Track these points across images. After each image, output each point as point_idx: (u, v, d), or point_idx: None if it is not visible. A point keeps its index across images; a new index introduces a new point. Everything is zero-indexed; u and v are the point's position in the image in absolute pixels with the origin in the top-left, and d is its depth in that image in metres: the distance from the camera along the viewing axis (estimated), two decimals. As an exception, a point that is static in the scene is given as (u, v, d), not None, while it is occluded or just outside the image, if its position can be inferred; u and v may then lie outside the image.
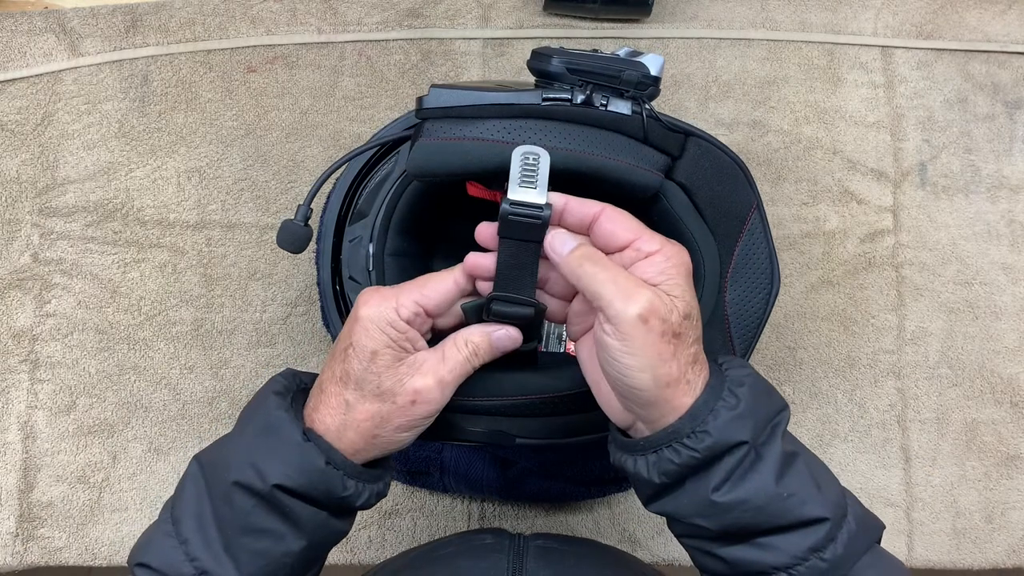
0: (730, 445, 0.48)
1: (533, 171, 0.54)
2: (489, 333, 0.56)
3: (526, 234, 0.54)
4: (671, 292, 0.49)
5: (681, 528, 0.53)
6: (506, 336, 0.56)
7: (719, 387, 0.50)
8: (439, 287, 0.55)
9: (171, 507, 0.53)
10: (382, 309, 0.53)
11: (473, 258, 0.55)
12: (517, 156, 0.55)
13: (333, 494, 0.51)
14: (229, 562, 0.50)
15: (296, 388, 0.56)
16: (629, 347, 0.49)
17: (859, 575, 0.49)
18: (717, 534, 0.50)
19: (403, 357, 0.53)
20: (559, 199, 0.54)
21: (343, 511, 0.54)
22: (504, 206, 0.53)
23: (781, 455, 0.49)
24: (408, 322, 0.53)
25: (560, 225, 0.54)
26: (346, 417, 0.53)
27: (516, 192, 0.54)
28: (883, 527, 0.53)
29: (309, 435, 0.52)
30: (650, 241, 0.51)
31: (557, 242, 0.53)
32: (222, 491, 0.51)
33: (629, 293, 0.49)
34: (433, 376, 0.53)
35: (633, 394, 0.50)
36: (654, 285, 0.50)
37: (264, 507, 0.50)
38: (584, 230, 0.54)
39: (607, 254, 0.52)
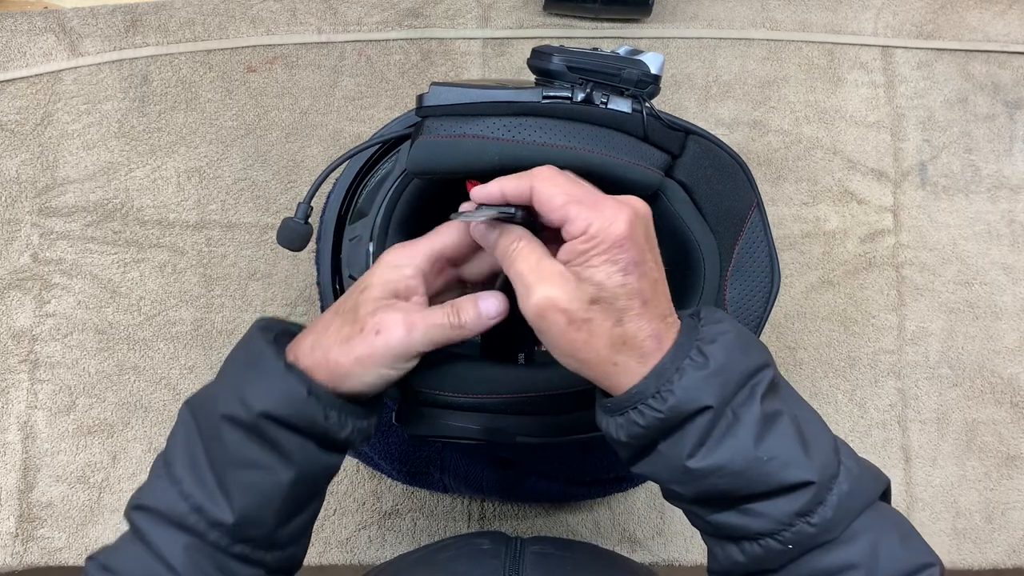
0: (695, 409, 0.47)
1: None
2: (476, 300, 0.55)
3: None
4: (582, 275, 0.48)
5: (665, 491, 0.52)
6: (493, 303, 0.55)
7: (687, 344, 0.48)
8: (450, 231, 0.56)
9: (164, 453, 0.54)
10: (399, 256, 0.55)
11: (478, 190, 0.54)
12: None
13: (316, 424, 0.51)
14: (222, 497, 0.50)
15: (280, 329, 0.56)
16: (543, 337, 0.49)
17: (853, 538, 0.48)
18: (693, 500, 0.49)
19: (391, 300, 0.54)
20: (495, 189, 0.53)
21: (329, 444, 0.53)
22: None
23: (761, 416, 0.48)
24: (417, 271, 0.54)
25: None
26: (319, 338, 0.53)
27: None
28: (887, 482, 0.52)
29: (291, 367, 0.52)
30: (575, 221, 0.48)
31: (477, 235, 0.54)
32: (211, 428, 0.51)
33: (528, 287, 0.49)
34: (404, 316, 0.53)
35: (577, 374, 0.51)
36: (567, 263, 0.49)
37: (252, 439, 0.51)
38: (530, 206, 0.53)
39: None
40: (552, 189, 0.50)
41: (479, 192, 0.53)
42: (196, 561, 0.50)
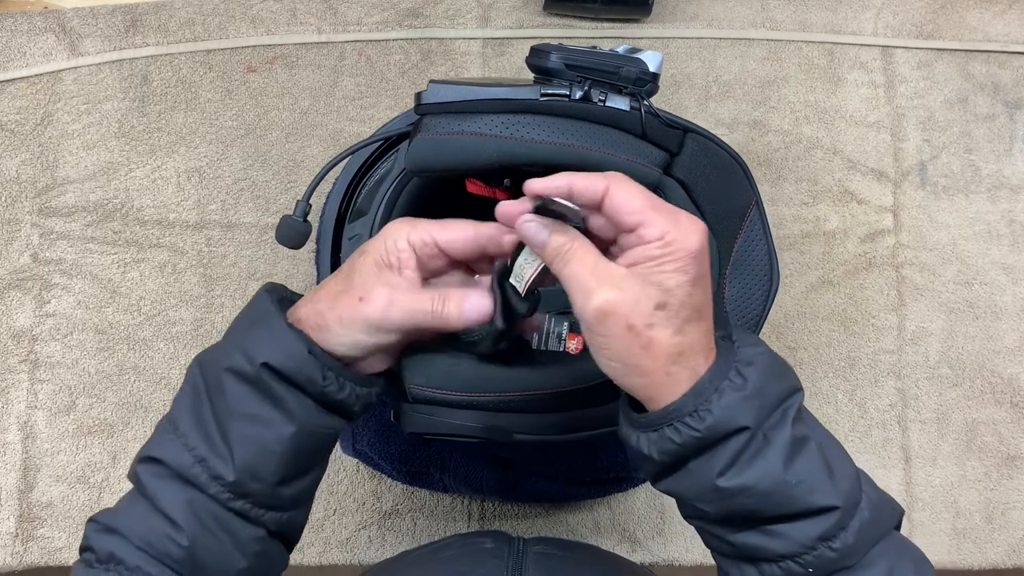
0: (732, 429, 0.47)
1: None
2: (464, 297, 0.55)
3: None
4: (651, 279, 0.48)
5: (687, 510, 0.52)
6: (477, 304, 0.55)
7: (726, 366, 0.49)
8: (458, 229, 0.55)
9: (169, 413, 0.55)
10: (400, 227, 0.55)
11: (538, 183, 0.52)
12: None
13: (315, 382, 0.52)
14: (225, 449, 0.52)
15: (285, 294, 0.58)
16: (598, 340, 0.48)
17: (870, 564, 0.48)
18: (719, 519, 0.50)
19: (383, 270, 0.54)
20: (563, 183, 0.51)
21: (328, 405, 0.54)
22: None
23: (791, 440, 0.48)
24: (410, 246, 0.54)
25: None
26: (315, 293, 0.55)
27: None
28: (902, 512, 0.52)
29: (292, 326, 0.53)
30: (652, 226, 0.48)
31: (528, 232, 0.52)
32: (216, 382, 0.53)
33: (588, 290, 0.48)
34: (390, 291, 0.54)
35: (617, 382, 0.50)
36: (634, 267, 0.48)
37: (253, 392, 0.52)
38: (596, 207, 0.52)
39: (620, 231, 0.50)
40: (627, 193, 0.50)
41: (539, 185, 0.51)
42: (198, 516, 0.51)
